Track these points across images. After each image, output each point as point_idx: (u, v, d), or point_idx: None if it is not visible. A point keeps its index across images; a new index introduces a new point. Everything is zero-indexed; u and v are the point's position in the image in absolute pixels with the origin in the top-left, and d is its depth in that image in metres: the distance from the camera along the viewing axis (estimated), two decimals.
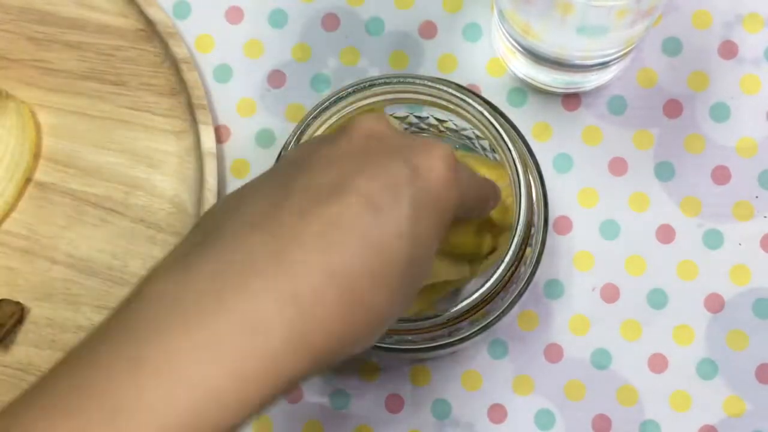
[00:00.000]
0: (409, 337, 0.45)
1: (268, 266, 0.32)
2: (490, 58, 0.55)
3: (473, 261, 0.50)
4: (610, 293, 0.53)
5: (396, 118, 0.49)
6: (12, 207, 0.54)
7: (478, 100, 0.44)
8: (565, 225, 0.54)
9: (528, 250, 0.44)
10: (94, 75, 0.55)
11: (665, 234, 0.53)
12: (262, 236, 0.33)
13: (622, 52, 0.50)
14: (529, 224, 0.43)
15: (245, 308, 0.31)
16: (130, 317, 0.32)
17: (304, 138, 0.45)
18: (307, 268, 0.32)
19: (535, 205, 0.45)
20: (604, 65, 0.51)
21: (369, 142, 0.36)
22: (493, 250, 0.49)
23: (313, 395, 0.53)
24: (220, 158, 0.55)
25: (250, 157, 0.55)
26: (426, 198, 0.35)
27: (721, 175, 0.53)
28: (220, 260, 0.32)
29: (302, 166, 0.36)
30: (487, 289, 0.43)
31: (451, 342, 0.46)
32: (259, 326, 0.31)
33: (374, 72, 0.55)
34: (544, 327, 0.53)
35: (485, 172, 0.48)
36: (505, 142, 0.44)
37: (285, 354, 0.32)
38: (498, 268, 0.43)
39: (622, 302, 0.53)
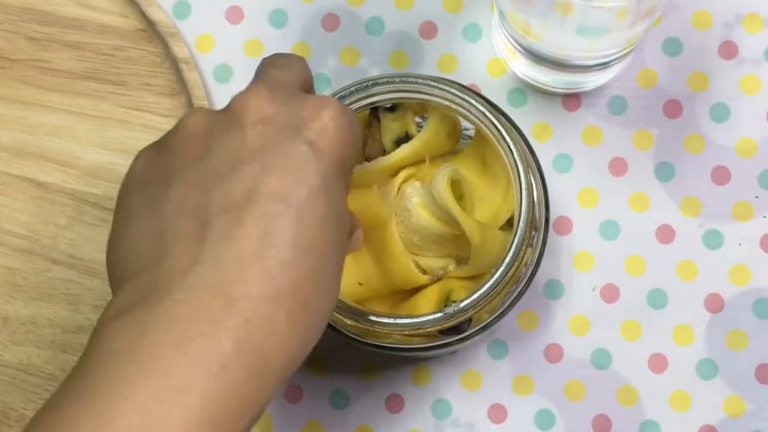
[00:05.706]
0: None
1: (215, 308, 0.32)
2: (490, 58, 0.55)
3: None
4: (610, 293, 0.53)
5: None
6: None
7: (480, 100, 0.44)
8: (565, 225, 0.54)
9: (529, 251, 0.44)
10: (94, 75, 0.55)
11: (665, 234, 0.53)
12: (201, 276, 0.32)
13: (622, 53, 0.50)
14: (530, 225, 0.43)
15: (203, 353, 0.31)
16: (93, 375, 0.32)
17: None
18: (251, 302, 0.32)
19: (536, 206, 0.45)
20: (604, 65, 0.51)
21: (263, 131, 0.35)
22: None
23: (313, 395, 0.53)
24: None
25: None
26: (329, 168, 0.35)
27: (721, 175, 0.54)
28: (170, 310, 0.32)
29: (203, 176, 0.35)
30: (487, 290, 0.43)
31: (451, 342, 0.46)
32: (220, 368, 0.31)
33: (374, 72, 0.55)
34: (544, 327, 0.53)
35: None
36: (506, 143, 0.44)
37: (250, 388, 0.32)
38: (498, 270, 0.43)
39: (622, 302, 0.53)
